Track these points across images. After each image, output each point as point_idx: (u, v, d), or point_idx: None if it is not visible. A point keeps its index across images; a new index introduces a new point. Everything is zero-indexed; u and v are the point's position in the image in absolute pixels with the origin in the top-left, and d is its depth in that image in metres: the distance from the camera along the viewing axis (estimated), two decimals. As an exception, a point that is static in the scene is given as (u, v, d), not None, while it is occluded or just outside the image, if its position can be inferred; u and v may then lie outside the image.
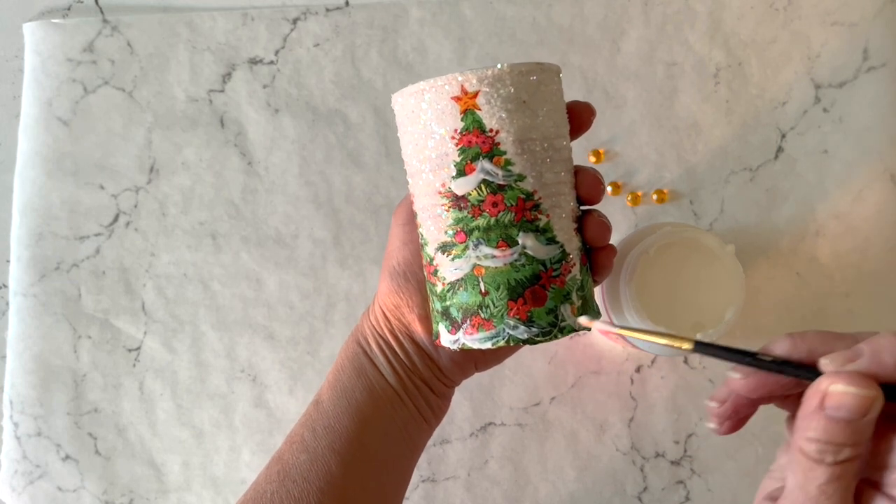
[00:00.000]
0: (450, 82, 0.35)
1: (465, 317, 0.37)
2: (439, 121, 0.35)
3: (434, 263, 0.38)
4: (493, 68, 0.34)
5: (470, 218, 0.36)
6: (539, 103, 0.36)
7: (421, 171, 0.37)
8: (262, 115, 0.59)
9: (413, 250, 0.41)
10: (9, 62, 0.62)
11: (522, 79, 0.35)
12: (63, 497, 0.57)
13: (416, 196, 0.38)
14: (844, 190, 0.58)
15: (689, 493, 0.56)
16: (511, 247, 0.36)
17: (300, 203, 0.59)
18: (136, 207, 0.59)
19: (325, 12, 0.60)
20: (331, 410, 0.42)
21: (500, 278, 0.36)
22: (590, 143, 0.59)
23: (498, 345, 0.36)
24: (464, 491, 0.57)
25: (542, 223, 0.36)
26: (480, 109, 0.35)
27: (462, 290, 0.37)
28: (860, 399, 0.28)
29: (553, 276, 0.36)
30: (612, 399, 0.57)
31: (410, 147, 0.37)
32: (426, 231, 0.38)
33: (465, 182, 0.35)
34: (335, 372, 0.43)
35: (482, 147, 0.35)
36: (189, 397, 0.58)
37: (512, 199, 0.35)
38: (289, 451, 0.42)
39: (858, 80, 0.59)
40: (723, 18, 0.59)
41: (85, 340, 0.58)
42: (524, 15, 0.59)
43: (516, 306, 0.36)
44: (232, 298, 0.58)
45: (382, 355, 0.42)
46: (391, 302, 0.42)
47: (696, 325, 0.46)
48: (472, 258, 0.36)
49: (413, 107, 0.36)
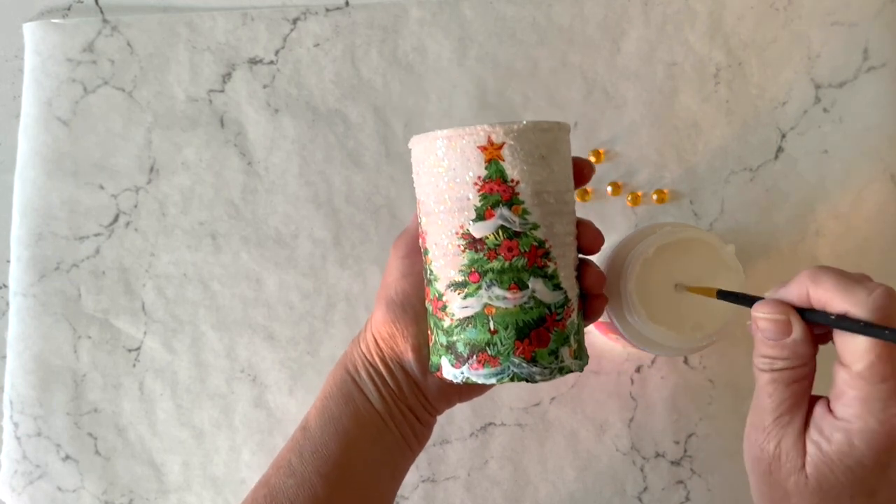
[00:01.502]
0: (477, 133, 0.37)
1: (472, 352, 0.39)
2: (464, 167, 0.38)
3: (443, 299, 0.39)
4: (519, 124, 0.38)
5: (485, 260, 0.38)
6: (554, 159, 0.39)
7: (438, 211, 0.39)
8: (262, 115, 0.59)
9: (413, 283, 0.43)
10: (9, 62, 0.62)
11: (543, 135, 0.38)
12: (63, 497, 0.57)
13: (430, 234, 0.40)
14: (844, 190, 0.58)
15: (689, 493, 0.56)
16: (521, 290, 0.38)
17: (300, 203, 0.59)
18: (136, 207, 0.59)
19: (325, 12, 0.60)
20: (318, 436, 0.43)
21: (509, 319, 0.38)
22: (589, 143, 0.59)
23: (502, 381, 0.38)
24: (464, 491, 0.57)
25: (550, 270, 0.39)
26: (504, 160, 0.38)
27: (471, 327, 0.39)
28: (772, 322, 0.36)
29: (556, 319, 0.39)
30: (612, 399, 0.57)
31: (429, 188, 0.39)
32: (437, 268, 0.40)
33: (483, 226, 0.38)
34: (322, 398, 0.45)
35: (503, 195, 0.38)
36: (189, 397, 0.58)
37: (526, 246, 0.38)
38: (276, 475, 0.43)
39: (858, 80, 0.59)
40: (723, 18, 0.59)
41: (85, 340, 0.58)
42: (524, 15, 0.59)
43: (522, 346, 0.38)
44: (232, 298, 0.58)
45: (371, 382, 0.44)
46: (386, 331, 0.43)
47: (695, 325, 0.46)
48: (484, 298, 0.38)
49: (436, 150, 0.38)
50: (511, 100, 0.59)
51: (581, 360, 0.40)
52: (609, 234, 0.58)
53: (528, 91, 0.59)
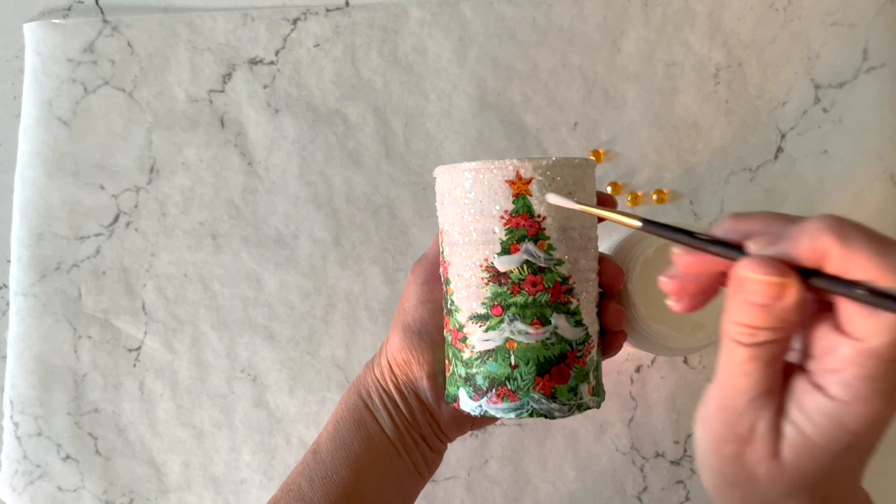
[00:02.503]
0: (506, 167, 0.37)
1: (492, 386, 0.39)
2: (491, 200, 0.38)
3: (464, 331, 0.39)
4: (549, 159, 0.38)
5: (509, 294, 0.38)
6: (581, 195, 0.39)
7: (463, 243, 0.39)
8: (262, 116, 0.59)
9: (431, 310, 0.43)
10: (9, 62, 0.62)
11: (572, 171, 0.38)
12: (63, 497, 0.57)
13: (453, 264, 0.40)
14: (844, 190, 0.58)
15: (689, 493, 0.56)
16: (544, 325, 0.38)
17: (300, 203, 0.59)
18: (137, 207, 0.59)
19: (325, 12, 0.60)
20: (328, 461, 0.43)
21: (530, 354, 0.38)
22: (590, 143, 0.59)
23: (521, 416, 0.38)
24: (464, 491, 0.57)
25: (573, 306, 0.39)
26: (532, 195, 0.38)
27: (491, 361, 0.39)
28: (770, 285, 0.27)
29: (577, 356, 0.39)
30: (611, 399, 0.57)
31: (454, 219, 0.39)
32: (459, 299, 0.40)
33: (508, 260, 0.38)
34: (334, 423, 0.44)
35: (529, 230, 0.38)
36: (189, 397, 0.58)
37: (550, 282, 0.38)
38: (285, 498, 0.43)
39: (858, 80, 0.59)
40: (723, 19, 0.59)
41: (85, 340, 0.58)
42: (524, 15, 0.59)
43: (542, 382, 0.38)
44: (232, 298, 0.58)
45: (384, 409, 0.43)
46: (402, 358, 0.43)
47: (695, 325, 0.46)
48: (506, 332, 0.38)
49: (463, 182, 0.38)
50: (511, 100, 0.59)
51: (599, 396, 0.40)
52: (609, 234, 0.58)
53: (528, 91, 0.59)
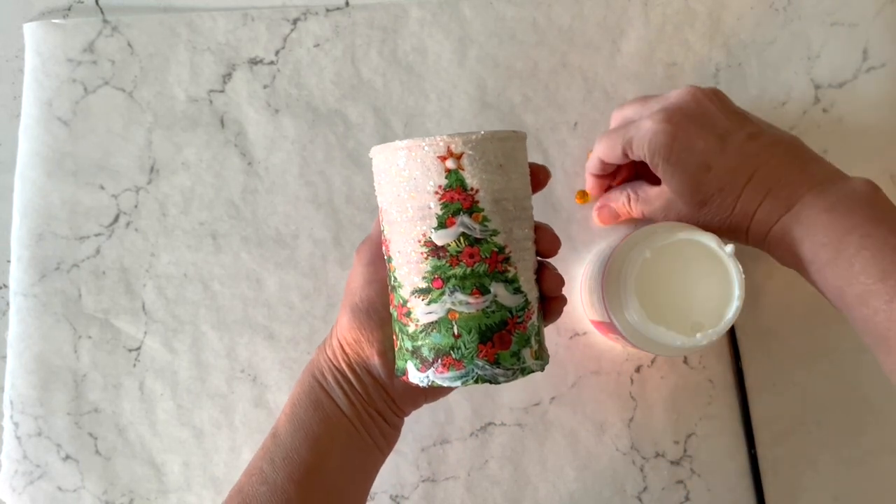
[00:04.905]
0: (437, 143, 0.38)
1: (437, 357, 0.40)
2: (425, 177, 0.39)
3: (408, 306, 0.40)
4: (478, 134, 0.39)
5: (448, 266, 0.39)
6: (512, 167, 0.40)
7: (401, 220, 0.40)
8: (262, 116, 0.59)
9: (377, 289, 0.44)
10: (9, 62, 0.62)
11: (501, 144, 0.39)
12: (63, 497, 0.57)
13: (393, 242, 0.41)
14: (844, 190, 0.57)
15: (689, 493, 0.56)
16: (483, 295, 0.39)
17: (300, 203, 0.59)
18: (137, 207, 0.59)
19: (325, 12, 0.60)
20: (288, 442, 0.44)
21: (472, 323, 0.39)
22: (590, 143, 0.59)
23: (467, 384, 0.39)
24: (464, 491, 0.57)
25: (510, 274, 0.40)
26: (464, 170, 0.39)
27: (435, 332, 0.40)
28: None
29: (517, 322, 0.40)
30: (611, 399, 0.57)
31: (391, 197, 0.40)
32: (401, 275, 0.41)
33: (445, 234, 0.39)
34: (291, 405, 0.46)
35: (463, 203, 0.39)
36: (189, 397, 0.58)
37: (486, 252, 0.39)
38: (248, 483, 0.44)
39: (858, 80, 0.59)
40: (722, 19, 0.59)
41: (85, 340, 0.58)
42: (524, 15, 0.59)
43: (485, 349, 0.39)
44: (232, 298, 0.58)
45: (339, 387, 0.45)
46: (351, 336, 0.44)
47: (695, 325, 0.46)
48: (447, 303, 0.39)
49: (397, 161, 0.39)
50: (511, 100, 0.59)
51: (542, 360, 0.41)
52: (608, 234, 0.58)
53: (528, 91, 0.59)
